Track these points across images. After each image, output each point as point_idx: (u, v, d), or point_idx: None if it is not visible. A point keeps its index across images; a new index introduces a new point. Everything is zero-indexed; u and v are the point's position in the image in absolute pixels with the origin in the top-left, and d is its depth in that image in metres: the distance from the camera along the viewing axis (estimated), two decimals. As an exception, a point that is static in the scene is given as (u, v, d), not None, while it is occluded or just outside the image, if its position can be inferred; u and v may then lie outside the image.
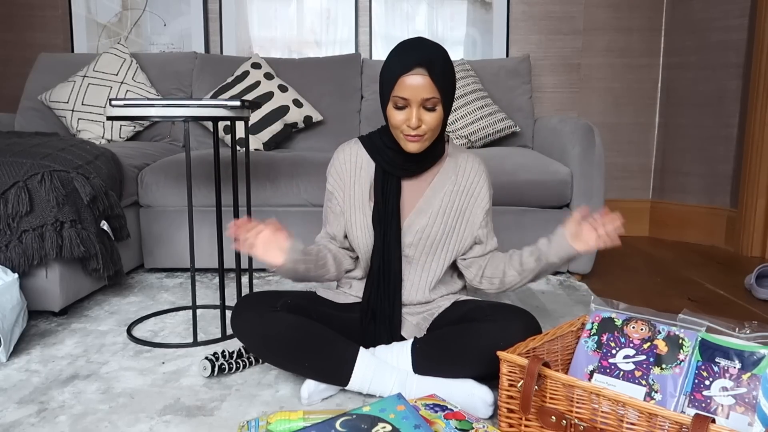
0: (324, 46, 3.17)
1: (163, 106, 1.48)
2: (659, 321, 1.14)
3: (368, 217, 1.37)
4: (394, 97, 1.24)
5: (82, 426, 1.18)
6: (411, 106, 1.23)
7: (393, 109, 1.26)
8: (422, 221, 1.37)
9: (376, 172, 1.38)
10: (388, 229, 1.35)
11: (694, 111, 3.00)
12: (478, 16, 3.12)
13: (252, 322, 1.28)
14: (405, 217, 1.38)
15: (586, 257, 2.25)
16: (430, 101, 1.23)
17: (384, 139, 1.36)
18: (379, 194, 1.36)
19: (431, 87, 1.22)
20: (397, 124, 1.26)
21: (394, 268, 1.36)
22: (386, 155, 1.36)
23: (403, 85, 1.22)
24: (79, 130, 2.71)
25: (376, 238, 1.36)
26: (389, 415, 0.95)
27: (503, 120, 2.66)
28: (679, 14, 3.03)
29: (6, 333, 1.47)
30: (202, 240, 2.26)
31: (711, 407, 1.00)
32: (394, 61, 1.25)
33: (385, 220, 1.35)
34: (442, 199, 1.38)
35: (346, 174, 1.40)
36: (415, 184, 1.39)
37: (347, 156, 1.41)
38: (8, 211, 1.64)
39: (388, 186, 1.36)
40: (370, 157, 1.38)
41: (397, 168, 1.36)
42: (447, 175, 1.39)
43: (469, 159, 1.41)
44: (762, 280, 2.15)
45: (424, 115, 1.24)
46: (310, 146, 2.78)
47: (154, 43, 3.18)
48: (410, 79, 1.21)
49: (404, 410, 0.97)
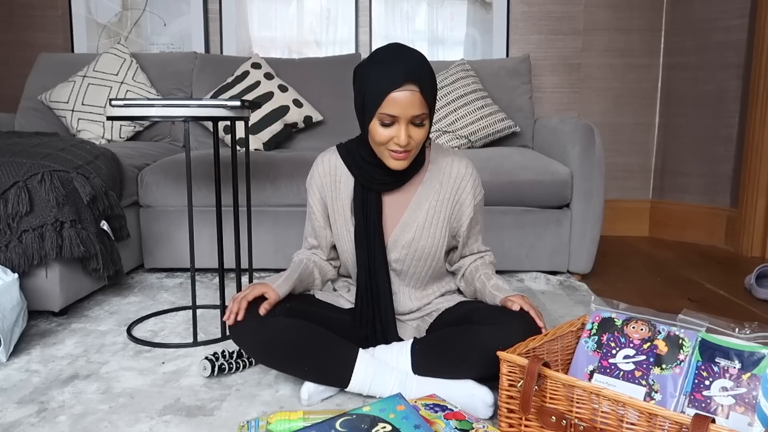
0: (324, 46, 3.17)
1: (163, 106, 1.48)
2: (659, 321, 1.14)
3: (351, 233, 1.34)
4: (381, 114, 1.16)
5: (82, 426, 1.18)
6: (399, 123, 1.16)
7: (378, 126, 1.18)
8: (407, 236, 1.33)
9: (356, 187, 1.32)
10: (371, 246, 1.31)
11: (694, 111, 3.00)
12: (478, 16, 3.12)
13: (250, 328, 1.26)
14: (389, 233, 1.33)
15: (586, 257, 2.25)
16: (419, 117, 1.17)
17: (362, 152, 1.29)
18: (359, 211, 1.31)
19: (422, 103, 1.15)
20: (382, 141, 1.19)
21: (381, 282, 1.33)
22: (363, 170, 1.30)
23: (392, 102, 1.14)
24: (79, 130, 2.71)
25: (360, 255, 1.32)
26: (389, 414, 0.95)
27: (503, 120, 2.66)
28: (679, 14, 3.03)
29: (6, 333, 1.47)
30: (202, 240, 2.26)
31: (711, 407, 1.00)
32: (379, 74, 1.16)
33: (367, 237, 1.31)
34: (427, 211, 1.33)
35: (326, 188, 1.36)
36: (398, 197, 1.33)
37: (326, 169, 1.35)
38: (8, 211, 1.64)
39: (368, 201, 1.30)
40: (349, 171, 1.33)
41: (376, 183, 1.30)
42: (431, 185, 1.33)
43: (454, 163, 1.34)
44: (762, 280, 2.15)
45: (413, 131, 1.18)
46: (310, 146, 2.78)
47: (154, 43, 3.18)
48: (400, 95, 1.14)
49: (404, 410, 0.97)
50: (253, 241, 2.21)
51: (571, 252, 2.27)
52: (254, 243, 2.22)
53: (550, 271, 2.34)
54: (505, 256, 2.28)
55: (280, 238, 2.27)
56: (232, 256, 2.16)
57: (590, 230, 2.23)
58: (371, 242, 1.31)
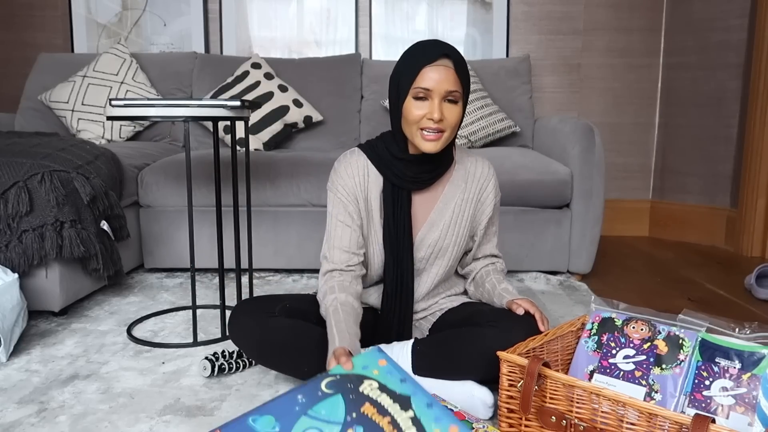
0: (324, 46, 3.17)
1: (163, 106, 1.48)
2: (659, 321, 1.14)
3: (378, 233, 1.32)
4: (415, 89, 1.16)
5: (82, 426, 1.18)
6: (433, 98, 1.16)
7: (412, 102, 1.18)
8: (434, 235, 1.33)
9: (385, 187, 1.30)
10: (400, 246, 1.30)
11: (694, 111, 3.00)
12: (478, 16, 3.12)
13: (250, 329, 1.27)
14: (416, 231, 1.33)
15: (586, 257, 2.25)
16: (453, 94, 1.17)
17: (391, 149, 1.28)
18: (389, 210, 1.29)
19: (455, 79, 1.16)
20: (415, 119, 1.18)
21: (406, 282, 1.33)
22: (395, 168, 1.28)
23: (427, 76, 1.15)
24: (79, 130, 2.71)
25: (388, 255, 1.31)
26: (373, 371, 0.92)
27: (503, 120, 2.66)
28: (679, 14, 3.03)
29: (6, 333, 1.47)
30: (202, 240, 2.26)
31: (711, 407, 1.00)
32: (415, 53, 1.19)
33: (396, 237, 1.30)
34: (453, 210, 1.33)
35: (357, 188, 1.30)
36: (426, 196, 1.33)
37: (354, 170, 1.30)
38: (8, 211, 1.63)
39: (398, 201, 1.29)
40: (378, 171, 1.31)
41: (408, 181, 1.28)
42: (457, 184, 1.34)
43: (478, 164, 1.36)
44: (762, 280, 2.15)
45: (446, 109, 1.17)
46: (310, 146, 2.78)
47: (154, 43, 3.18)
48: (435, 69, 1.15)
49: (386, 365, 0.92)
50: (253, 241, 2.21)
51: (571, 252, 2.27)
52: (254, 243, 2.22)
53: (550, 271, 2.34)
54: (505, 256, 2.24)
55: (280, 238, 2.27)
56: (232, 256, 2.16)
57: (590, 230, 2.23)
58: (401, 241, 1.31)
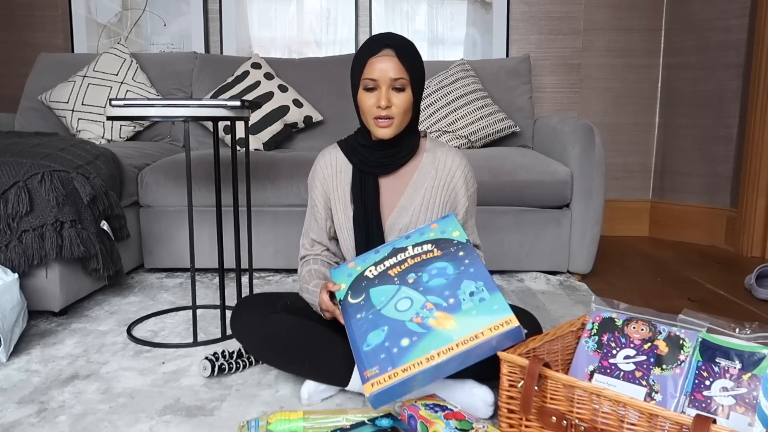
0: (324, 46, 3.17)
1: (163, 106, 1.48)
2: (660, 321, 1.14)
3: (350, 218, 1.37)
4: (364, 80, 1.26)
5: (82, 426, 1.18)
6: (380, 87, 1.25)
7: (363, 93, 1.27)
8: (404, 219, 1.35)
9: (354, 174, 1.37)
10: (369, 231, 1.35)
11: (694, 111, 3.00)
12: (478, 16, 3.12)
13: (252, 324, 1.28)
14: (387, 217, 1.36)
15: (586, 257, 2.25)
16: (399, 81, 1.24)
17: (359, 138, 1.37)
18: (357, 195, 1.35)
19: (399, 67, 1.24)
20: (367, 109, 1.27)
21: None
22: (360, 154, 1.36)
23: (372, 67, 1.24)
24: (79, 130, 2.71)
25: (359, 240, 1.35)
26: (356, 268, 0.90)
27: (503, 120, 2.66)
28: (679, 14, 3.03)
29: (6, 333, 1.47)
30: (202, 240, 2.26)
31: (711, 408, 1.00)
32: (362, 48, 1.28)
33: (365, 221, 1.35)
34: (423, 196, 1.36)
35: (328, 179, 1.40)
36: (395, 183, 1.37)
37: (327, 161, 1.40)
38: (8, 211, 1.63)
39: (366, 187, 1.35)
40: (347, 160, 1.38)
41: (371, 165, 1.35)
42: (427, 170, 1.37)
43: (449, 153, 1.39)
44: (762, 280, 2.15)
45: (394, 96, 1.25)
46: (310, 146, 2.77)
47: (154, 43, 3.18)
48: (379, 59, 1.24)
49: (355, 262, 0.88)
50: (253, 241, 2.21)
51: (571, 252, 2.27)
52: (254, 243, 2.22)
53: (550, 271, 2.34)
54: (504, 256, 2.28)
55: (280, 238, 2.27)
56: (232, 256, 2.16)
57: (590, 230, 2.23)
58: (369, 226, 1.35)
